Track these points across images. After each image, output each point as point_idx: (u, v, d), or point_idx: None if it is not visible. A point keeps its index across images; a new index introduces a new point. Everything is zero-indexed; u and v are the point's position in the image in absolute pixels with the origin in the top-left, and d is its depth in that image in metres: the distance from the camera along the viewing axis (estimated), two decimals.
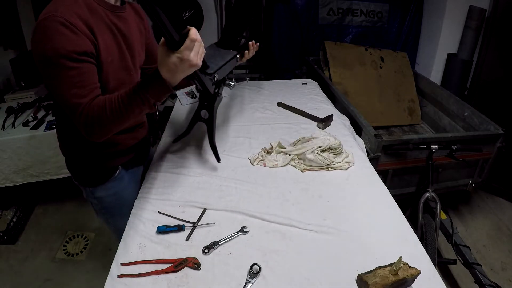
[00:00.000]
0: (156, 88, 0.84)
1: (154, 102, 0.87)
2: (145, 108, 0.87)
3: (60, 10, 0.82)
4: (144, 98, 0.84)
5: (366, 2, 3.21)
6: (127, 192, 1.25)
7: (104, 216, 1.30)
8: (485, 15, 2.70)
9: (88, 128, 0.88)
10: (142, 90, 0.84)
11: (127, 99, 0.85)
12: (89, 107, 0.86)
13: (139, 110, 0.87)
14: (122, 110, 0.86)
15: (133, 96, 0.85)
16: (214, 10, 3.14)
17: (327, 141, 1.38)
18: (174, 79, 0.84)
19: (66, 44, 0.82)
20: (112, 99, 0.86)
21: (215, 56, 1.17)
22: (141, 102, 0.85)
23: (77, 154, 1.15)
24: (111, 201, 1.24)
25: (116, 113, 0.86)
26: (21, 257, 2.14)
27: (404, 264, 0.84)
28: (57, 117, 1.13)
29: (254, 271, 0.89)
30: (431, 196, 1.81)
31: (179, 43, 0.78)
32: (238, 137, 1.57)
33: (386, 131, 2.78)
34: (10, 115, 2.17)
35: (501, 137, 1.98)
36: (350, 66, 2.75)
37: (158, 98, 0.86)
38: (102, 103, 0.87)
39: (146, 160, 1.41)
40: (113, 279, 0.88)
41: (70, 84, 0.85)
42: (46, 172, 2.11)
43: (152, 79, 0.84)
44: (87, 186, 1.20)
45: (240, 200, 1.17)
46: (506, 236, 2.38)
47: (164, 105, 3.35)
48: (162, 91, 0.85)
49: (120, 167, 1.22)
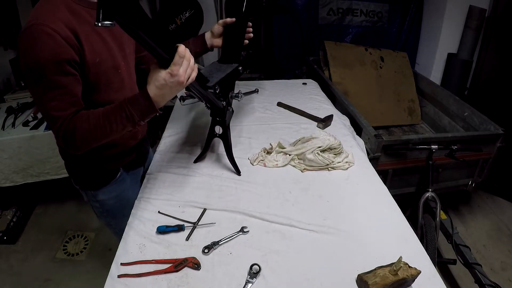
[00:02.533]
0: (142, 105, 0.85)
1: (138, 121, 0.87)
2: (128, 125, 0.88)
3: (42, 17, 0.81)
4: (129, 114, 0.85)
5: (366, 2, 3.21)
6: (129, 193, 1.25)
7: (106, 219, 1.29)
8: (485, 15, 2.71)
9: (68, 141, 0.89)
10: (128, 106, 0.85)
11: (112, 114, 0.87)
12: (69, 122, 0.87)
13: (122, 127, 0.88)
14: (105, 125, 0.87)
15: (119, 111, 0.86)
16: (214, 10, 3.14)
17: (327, 141, 1.38)
18: (162, 98, 0.86)
19: (48, 53, 0.81)
20: (96, 113, 0.87)
21: (216, 71, 1.17)
22: (125, 118, 0.86)
23: (77, 157, 1.13)
24: (113, 204, 1.23)
25: (100, 128, 0.87)
26: (21, 257, 2.14)
27: (404, 264, 0.84)
28: None
29: (254, 271, 0.89)
30: (431, 196, 1.82)
31: (169, 60, 0.79)
32: (238, 137, 1.57)
33: (386, 131, 2.78)
34: (10, 115, 2.17)
35: (501, 137, 1.98)
36: (350, 66, 2.75)
37: (143, 117, 0.87)
38: (85, 117, 0.88)
39: (147, 156, 1.41)
40: (113, 279, 0.88)
41: (50, 96, 0.85)
42: (46, 172, 2.11)
43: (139, 97, 0.85)
44: (89, 189, 1.19)
45: (240, 200, 1.17)
46: (506, 236, 2.38)
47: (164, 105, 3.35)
48: (148, 110, 0.86)
49: (122, 169, 1.21)
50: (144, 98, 0.84)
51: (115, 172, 1.20)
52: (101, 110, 0.89)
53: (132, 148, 1.22)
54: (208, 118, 1.28)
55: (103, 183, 1.18)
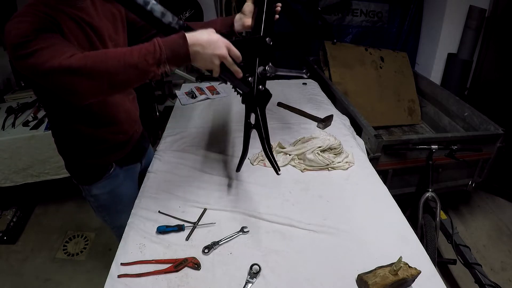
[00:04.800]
0: (176, 43, 0.78)
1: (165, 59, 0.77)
2: (151, 62, 0.76)
3: (15, 14, 0.83)
4: (158, 48, 0.76)
5: (366, 2, 3.21)
6: (123, 189, 1.25)
7: (101, 214, 1.30)
8: (485, 15, 2.70)
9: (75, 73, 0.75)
10: (159, 41, 0.77)
11: (136, 47, 0.77)
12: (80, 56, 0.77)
13: (144, 63, 0.76)
14: (126, 54, 0.76)
15: (146, 44, 0.77)
16: (214, 10, 3.14)
17: (327, 141, 1.38)
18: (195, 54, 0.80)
19: (27, 27, 0.79)
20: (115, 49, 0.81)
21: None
22: (152, 53, 0.76)
23: (72, 153, 1.16)
24: (107, 199, 1.24)
25: (118, 57, 0.76)
26: (21, 257, 2.14)
27: (404, 264, 0.84)
28: (51, 118, 1.12)
29: (254, 271, 0.89)
30: (431, 196, 1.81)
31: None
32: (238, 137, 1.57)
33: (386, 131, 2.78)
34: (10, 115, 2.17)
35: (501, 137, 1.98)
36: (350, 66, 2.75)
37: (172, 56, 0.77)
38: (100, 52, 0.81)
39: (145, 159, 1.41)
40: (113, 279, 0.88)
41: (48, 55, 0.76)
42: (46, 172, 2.11)
43: (175, 35, 0.79)
44: (84, 184, 1.21)
45: (240, 200, 1.17)
46: (506, 236, 2.38)
47: (164, 105, 3.36)
48: (181, 50, 0.78)
49: (114, 164, 1.21)
50: (180, 37, 0.78)
51: (107, 167, 1.20)
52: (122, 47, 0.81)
53: (122, 144, 1.21)
54: (208, 117, 1.27)
55: (96, 177, 1.19)
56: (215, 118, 1.75)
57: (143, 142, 1.40)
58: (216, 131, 1.61)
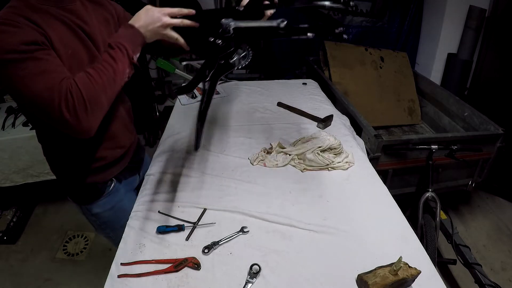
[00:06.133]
0: (128, 34, 0.88)
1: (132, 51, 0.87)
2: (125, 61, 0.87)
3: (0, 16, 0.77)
4: (121, 46, 0.86)
5: (366, 2, 3.21)
6: (125, 203, 1.20)
7: (104, 232, 1.24)
8: (485, 15, 2.71)
9: (77, 109, 0.77)
10: (116, 41, 0.86)
11: (105, 58, 0.85)
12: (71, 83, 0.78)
13: (122, 66, 0.86)
14: (105, 68, 0.84)
15: (111, 51, 0.86)
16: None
17: (327, 141, 1.38)
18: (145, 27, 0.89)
19: (10, 39, 0.74)
20: (94, 66, 0.84)
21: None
22: (120, 53, 0.86)
23: (68, 173, 1.09)
24: (110, 216, 1.18)
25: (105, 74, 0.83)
26: (21, 257, 2.14)
27: (404, 264, 0.84)
28: (42, 138, 1.07)
29: (254, 271, 0.89)
30: (431, 196, 1.81)
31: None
32: (238, 137, 1.57)
33: (386, 131, 2.78)
34: (10, 115, 2.17)
35: (501, 137, 1.98)
36: (350, 66, 2.75)
37: (133, 46, 0.88)
38: (82, 75, 0.81)
39: (142, 170, 1.35)
40: (113, 279, 0.88)
41: (31, 75, 0.75)
42: (46, 172, 2.11)
43: (121, 29, 0.89)
44: (83, 204, 1.14)
45: (240, 200, 1.17)
46: (506, 236, 2.38)
47: (164, 105, 3.36)
48: (135, 36, 0.88)
49: (115, 180, 1.16)
50: (128, 27, 0.88)
51: (107, 184, 1.14)
52: (95, 64, 0.85)
53: (120, 158, 1.15)
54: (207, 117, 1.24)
55: (96, 196, 1.13)
56: (215, 118, 1.75)
57: (140, 152, 1.34)
58: (216, 131, 1.61)
